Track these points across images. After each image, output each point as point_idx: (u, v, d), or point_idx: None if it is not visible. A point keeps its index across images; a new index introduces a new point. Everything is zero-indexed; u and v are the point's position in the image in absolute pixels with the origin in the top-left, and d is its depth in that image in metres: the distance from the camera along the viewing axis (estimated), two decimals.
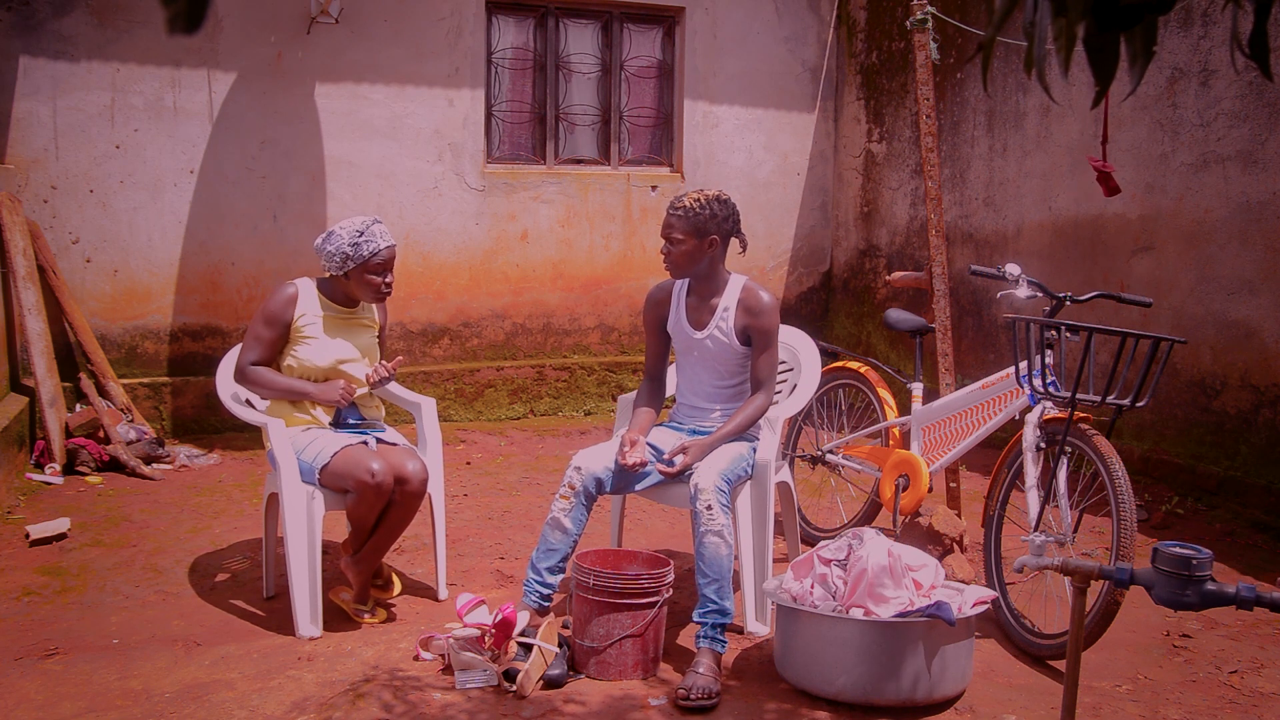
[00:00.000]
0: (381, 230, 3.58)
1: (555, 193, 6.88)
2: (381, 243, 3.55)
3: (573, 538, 3.36)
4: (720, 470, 3.29)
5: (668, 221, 3.49)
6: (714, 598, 3.18)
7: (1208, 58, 4.99)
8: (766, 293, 3.53)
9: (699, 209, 3.45)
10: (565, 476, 3.38)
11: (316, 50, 6.19)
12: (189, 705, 2.93)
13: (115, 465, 5.31)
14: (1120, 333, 3.32)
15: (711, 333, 3.54)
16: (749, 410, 3.51)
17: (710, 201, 3.47)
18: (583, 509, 3.37)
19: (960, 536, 3.96)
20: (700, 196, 3.47)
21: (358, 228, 3.54)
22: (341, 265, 3.55)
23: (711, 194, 3.49)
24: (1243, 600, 2.16)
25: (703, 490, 3.24)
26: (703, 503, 3.22)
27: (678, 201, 3.48)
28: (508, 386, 6.79)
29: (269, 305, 3.59)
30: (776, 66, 7.40)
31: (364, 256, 3.52)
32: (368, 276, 3.56)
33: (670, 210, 3.48)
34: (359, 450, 3.44)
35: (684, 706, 2.94)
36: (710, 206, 3.46)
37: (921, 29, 4.10)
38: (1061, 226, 5.83)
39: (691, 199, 3.47)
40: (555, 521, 3.35)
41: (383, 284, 3.59)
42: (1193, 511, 4.89)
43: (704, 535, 3.21)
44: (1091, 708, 3.04)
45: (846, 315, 7.62)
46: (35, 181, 5.73)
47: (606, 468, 3.41)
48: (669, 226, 3.48)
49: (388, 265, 3.59)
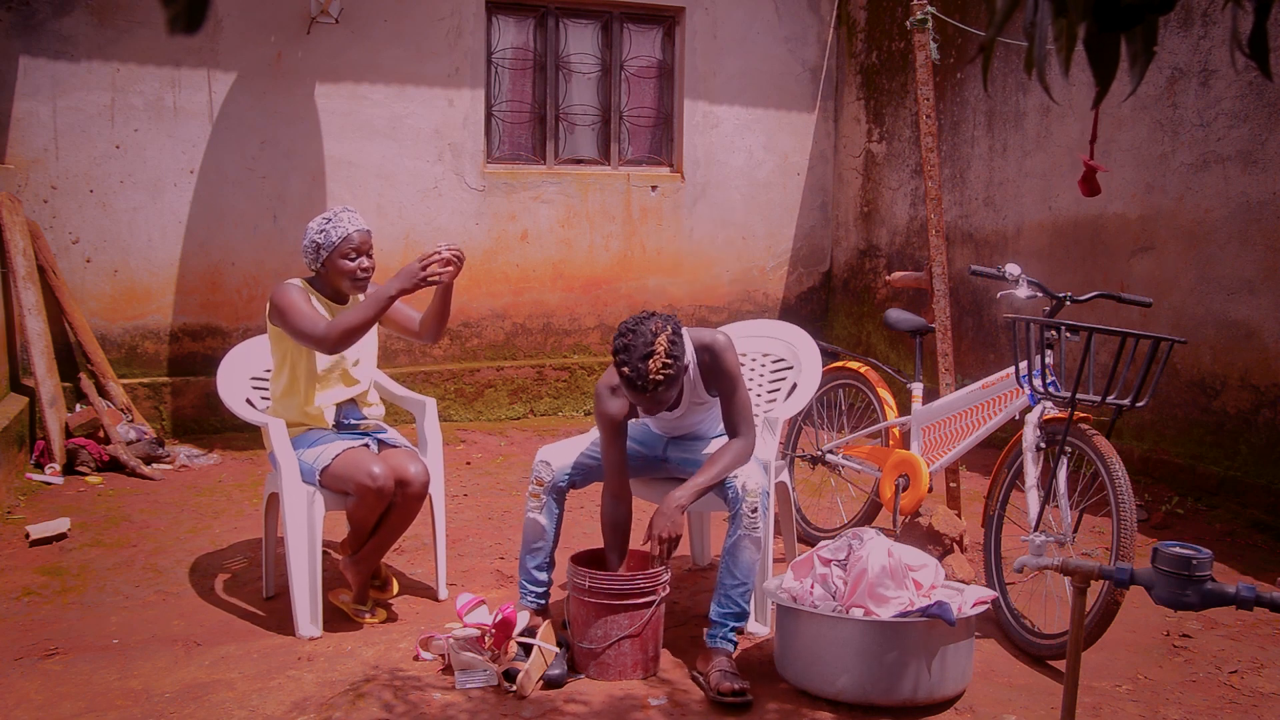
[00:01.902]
0: (351, 216, 3.51)
1: (555, 193, 6.88)
2: (350, 226, 3.49)
3: (551, 533, 3.34)
4: (763, 475, 3.20)
5: (652, 398, 3.02)
6: (739, 600, 3.17)
7: (1208, 57, 4.99)
8: (719, 334, 3.24)
9: (671, 366, 2.98)
10: (533, 472, 3.36)
11: (316, 50, 6.19)
12: (189, 705, 2.93)
13: (115, 465, 5.31)
14: (1120, 333, 3.32)
15: (687, 406, 3.34)
16: (728, 458, 3.18)
17: (669, 349, 2.97)
18: (554, 503, 3.34)
19: (960, 536, 3.96)
20: (660, 359, 2.95)
21: (326, 215, 3.51)
22: (316, 257, 3.51)
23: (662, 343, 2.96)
24: (1243, 600, 2.16)
25: (750, 493, 3.14)
26: (749, 505, 3.14)
27: (645, 380, 2.95)
28: (508, 386, 6.79)
29: (289, 295, 3.45)
30: (776, 66, 7.40)
31: (334, 242, 3.48)
32: (341, 262, 3.49)
33: (644, 390, 2.98)
34: (360, 453, 3.44)
35: (729, 704, 2.95)
36: (675, 351, 2.99)
37: (921, 29, 4.10)
38: (1061, 226, 5.83)
39: (657, 368, 2.94)
40: (530, 521, 3.35)
41: (358, 269, 3.52)
42: (1193, 511, 4.89)
43: (742, 538, 3.14)
44: (1091, 708, 3.04)
45: (846, 315, 7.62)
46: (35, 181, 5.73)
47: (577, 464, 3.37)
48: (655, 403, 3.05)
49: (362, 249, 3.51)
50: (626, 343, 3.00)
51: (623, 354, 2.99)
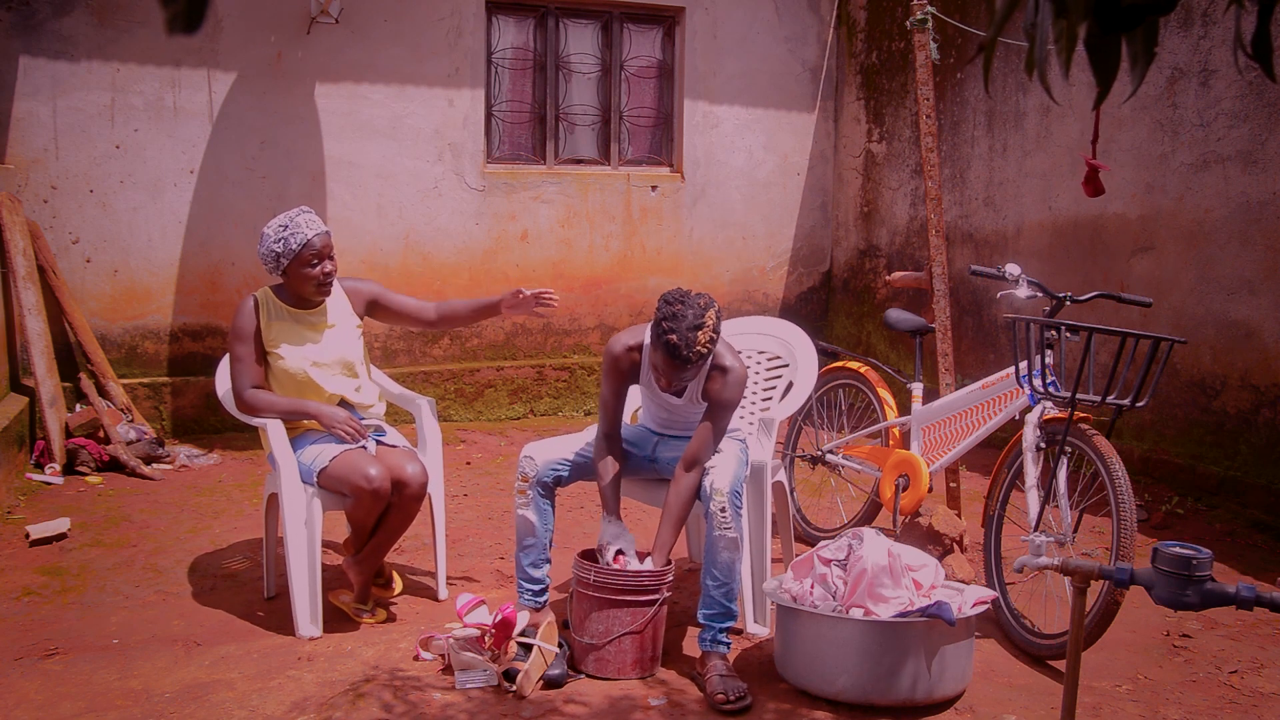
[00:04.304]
0: (309, 219, 3.43)
1: (555, 193, 6.88)
2: (309, 231, 3.41)
3: (541, 529, 3.33)
4: (734, 472, 3.22)
5: (682, 372, 3.09)
6: (723, 601, 3.17)
7: (1208, 58, 4.99)
8: (740, 362, 3.25)
9: (714, 344, 3.08)
10: (518, 469, 3.35)
11: (316, 50, 6.19)
12: (189, 705, 2.93)
13: (115, 465, 5.31)
14: (1120, 333, 3.32)
15: (689, 400, 3.36)
16: (682, 498, 3.21)
17: (716, 326, 3.07)
18: (541, 499, 3.33)
19: (960, 536, 3.96)
20: (709, 332, 3.04)
21: (282, 222, 3.42)
22: (277, 265, 3.43)
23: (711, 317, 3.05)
24: (1243, 600, 2.16)
25: (717, 492, 3.17)
26: (716, 504, 3.16)
27: (690, 349, 3.02)
28: (508, 386, 6.79)
29: (236, 323, 3.49)
30: (776, 66, 7.40)
31: (294, 250, 3.40)
32: (303, 270, 3.42)
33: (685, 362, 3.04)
34: (357, 455, 3.42)
35: (728, 710, 2.94)
36: (718, 330, 3.09)
37: (921, 29, 4.10)
38: (1061, 226, 5.83)
39: (704, 340, 3.03)
40: (519, 518, 3.34)
41: (320, 274, 3.44)
42: (1193, 511, 4.89)
43: (716, 538, 3.16)
44: (1091, 708, 3.04)
45: (846, 315, 7.62)
46: (35, 181, 5.72)
47: (563, 460, 3.37)
48: (681, 378, 3.12)
49: (323, 254, 3.43)
50: (676, 311, 3.04)
51: (671, 321, 3.03)
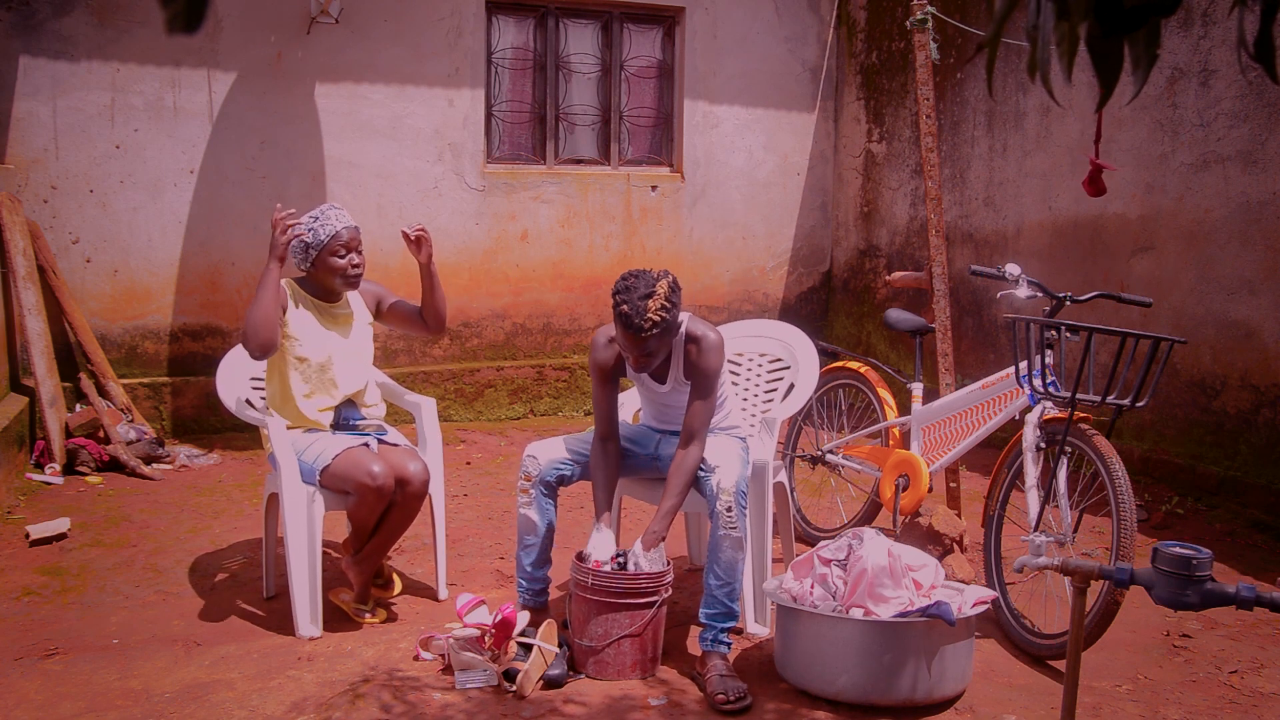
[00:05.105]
0: (338, 213, 3.53)
1: (555, 193, 6.88)
2: (339, 224, 3.50)
3: (542, 528, 3.33)
4: (739, 472, 3.22)
5: (641, 344, 3.10)
6: (725, 600, 3.17)
7: (1208, 58, 4.99)
8: (713, 330, 3.26)
9: (667, 312, 3.08)
10: (521, 468, 3.36)
11: (316, 50, 6.19)
12: (189, 705, 2.93)
13: (115, 465, 5.31)
14: (1120, 333, 3.32)
15: (673, 385, 3.38)
16: (684, 474, 3.20)
17: (669, 294, 3.09)
18: (544, 499, 3.34)
19: (960, 536, 3.96)
20: (660, 300, 3.06)
21: (312, 214, 3.51)
22: (305, 257, 3.52)
23: (663, 286, 3.08)
24: (1243, 600, 2.16)
25: (724, 491, 3.16)
26: (723, 504, 3.15)
27: (642, 318, 3.04)
28: (508, 386, 6.79)
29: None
30: (776, 66, 7.40)
31: (323, 241, 3.48)
32: (331, 260, 3.50)
33: (639, 331, 3.06)
34: (360, 452, 3.44)
35: (728, 710, 2.94)
36: (673, 299, 3.10)
37: (921, 29, 4.10)
38: (1061, 226, 5.83)
39: (655, 308, 3.05)
40: (521, 516, 3.35)
41: (348, 265, 3.52)
42: (1193, 511, 4.89)
43: (721, 538, 3.16)
44: (1091, 708, 3.04)
45: (846, 315, 7.62)
46: (35, 181, 5.72)
47: (567, 459, 3.37)
48: (643, 349, 3.12)
49: (351, 246, 3.52)
50: (628, 284, 3.11)
51: (623, 294, 3.09)
